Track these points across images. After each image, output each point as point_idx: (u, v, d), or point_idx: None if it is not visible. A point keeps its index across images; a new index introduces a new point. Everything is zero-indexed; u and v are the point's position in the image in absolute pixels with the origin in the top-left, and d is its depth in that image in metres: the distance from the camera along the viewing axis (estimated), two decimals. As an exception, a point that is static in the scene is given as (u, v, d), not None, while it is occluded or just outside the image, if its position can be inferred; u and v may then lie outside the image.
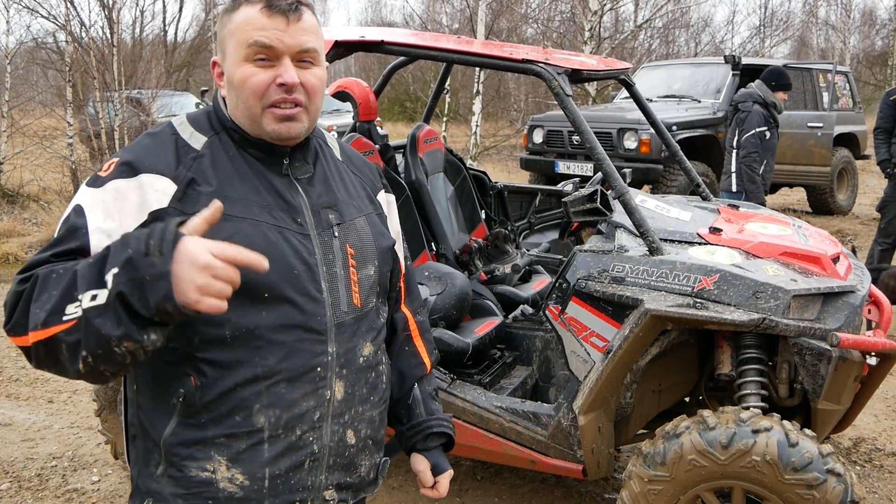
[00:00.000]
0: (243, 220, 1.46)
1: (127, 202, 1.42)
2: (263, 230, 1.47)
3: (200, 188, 1.46)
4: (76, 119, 11.98)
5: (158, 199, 1.43)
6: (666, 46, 27.05)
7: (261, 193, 1.51)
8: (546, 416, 3.12)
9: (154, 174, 1.44)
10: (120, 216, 1.41)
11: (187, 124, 1.56)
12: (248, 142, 1.54)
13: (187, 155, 1.49)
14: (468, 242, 4.38)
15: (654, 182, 9.07)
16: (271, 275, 1.42)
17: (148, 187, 1.43)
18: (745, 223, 3.45)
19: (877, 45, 32.47)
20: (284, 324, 1.47)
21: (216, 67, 1.57)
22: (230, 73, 1.51)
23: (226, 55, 1.53)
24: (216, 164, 1.50)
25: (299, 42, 1.49)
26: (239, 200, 1.47)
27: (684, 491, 2.78)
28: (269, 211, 1.50)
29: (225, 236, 1.38)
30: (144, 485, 1.52)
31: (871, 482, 3.93)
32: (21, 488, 3.88)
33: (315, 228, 1.55)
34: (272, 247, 1.46)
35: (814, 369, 2.84)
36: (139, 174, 1.44)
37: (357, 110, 3.99)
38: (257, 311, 1.44)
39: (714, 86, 10.30)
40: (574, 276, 3.07)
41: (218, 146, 1.53)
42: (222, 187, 1.47)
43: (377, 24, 33.82)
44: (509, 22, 20.42)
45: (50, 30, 15.51)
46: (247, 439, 1.46)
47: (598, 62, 3.83)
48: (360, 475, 1.66)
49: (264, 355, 1.45)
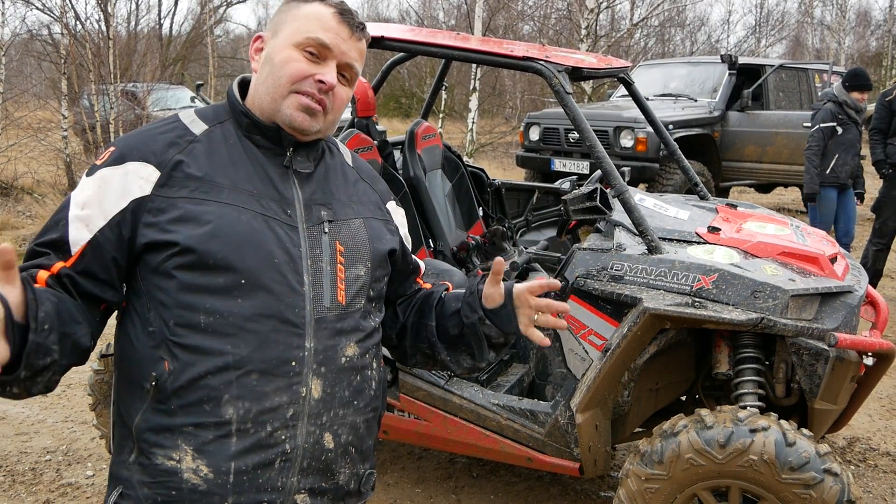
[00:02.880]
0: (228, 206, 1.46)
1: (110, 189, 1.44)
2: (248, 217, 1.47)
3: (189, 170, 1.47)
4: (71, 112, 11.94)
5: (141, 186, 1.44)
6: (662, 45, 27.08)
7: (253, 181, 1.51)
8: (543, 413, 3.12)
9: (140, 161, 1.46)
10: (100, 204, 1.44)
11: (192, 114, 1.58)
12: (256, 127, 1.55)
13: (183, 138, 1.51)
14: (466, 240, 4.38)
15: (650, 181, 9.09)
16: (249, 262, 1.44)
17: (132, 174, 1.45)
18: (744, 223, 3.46)
19: (871, 45, 32.55)
20: (259, 313, 1.45)
21: (258, 42, 1.60)
22: (275, 50, 1.53)
23: (278, 34, 1.55)
24: (211, 150, 1.52)
25: (351, 57, 1.55)
26: (227, 187, 1.48)
27: (681, 490, 2.78)
28: (258, 199, 1.50)
29: (206, 220, 1.43)
30: (117, 472, 1.51)
31: (865, 482, 3.95)
32: (15, 482, 3.86)
33: (304, 222, 1.53)
34: (254, 234, 1.46)
35: (811, 369, 2.85)
36: (126, 162, 1.46)
37: (355, 106, 3.98)
38: (233, 298, 1.44)
39: (710, 85, 10.31)
40: (573, 273, 3.07)
41: (218, 134, 1.54)
42: (213, 172, 1.49)
43: (373, 19, 33.77)
44: (506, 19, 20.41)
45: (45, 22, 15.45)
46: (214, 430, 1.43)
47: (597, 60, 3.83)
48: (338, 483, 1.58)
49: (237, 343, 1.43)
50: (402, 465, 4.02)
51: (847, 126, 6.71)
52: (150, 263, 1.44)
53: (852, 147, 6.78)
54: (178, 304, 1.42)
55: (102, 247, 1.43)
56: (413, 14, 24.77)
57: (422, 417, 3.31)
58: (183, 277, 1.42)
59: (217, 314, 1.43)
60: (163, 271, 1.43)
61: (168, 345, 1.43)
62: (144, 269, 1.45)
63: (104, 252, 1.43)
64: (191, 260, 1.42)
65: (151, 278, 1.45)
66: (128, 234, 1.44)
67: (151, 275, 1.44)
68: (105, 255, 1.44)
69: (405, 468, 4.00)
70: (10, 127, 12.16)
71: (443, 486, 3.85)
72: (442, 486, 3.85)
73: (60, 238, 1.43)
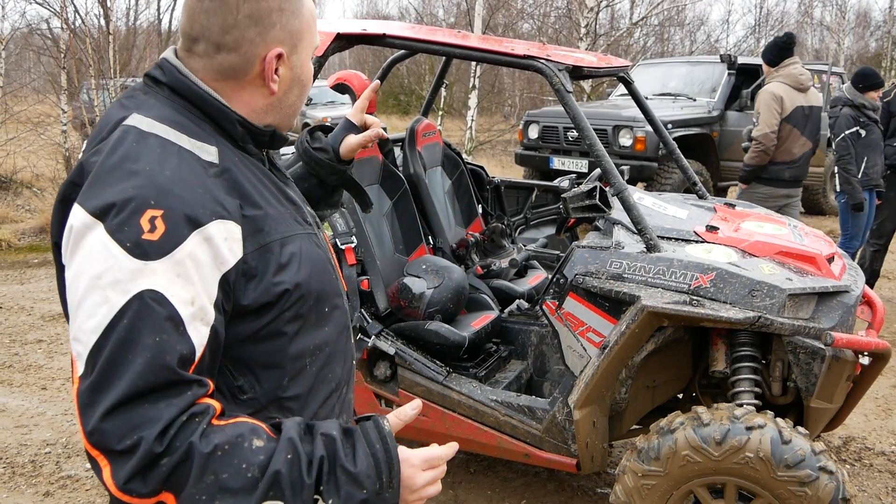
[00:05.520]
0: (293, 237, 1.30)
1: (203, 266, 1.15)
2: (307, 242, 1.35)
3: (249, 213, 1.24)
4: (70, 106, 11.94)
5: (232, 249, 1.18)
6: (661, 44, 27.08)
7: (276, 198, 1.34)
8: (541, 410, 3.14)
9: (217, 220, 1.17)
10: (204, 287, 1.16)
11: (179, 134, 1.25)
12: (251, 135, 1.35)
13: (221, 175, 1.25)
14: (465, 237, 4.39)
15: (648, 180, 9.09)
16: (325, 286, 1.36)
17: (217, 238, 1.17)
18: (742, 222, 3.48)
19: (871, 46, 32.54)
20: (340, 330, 1.42)
21: (279, 60, 1.32)
22: (302, 69, 1.38)
23: (298, 49, 1.35)
24: (241, 176, 1.28)
25: None
26: (276, 215, 1.30)
27: (677, 486, 2.81)
28: (293, 217, 1.35)
29: (297, 261, 1.29)
30: None
31: (860, 480, 3.97)
32: (15, 474, 3.88)
33: (314, 222, 1.48)
34: (317, 257, 1.36)
35: (807, 368, 2.87)
36: (203, 225, 1.16)
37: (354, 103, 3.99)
38: (322, 328, 1.36)
39: (710, 84, 10.32)
40: (572, 271, 3.09)
41: (227, 153, 1.29)
42: (264, 205, 1.28)
43: (372, 16, 33.76)
44: (505, 17, 20.42)
45: (44, 16, 15.43)
46: None
47: (597, 59, 3.85)
48: None
49: (333, 369, 1.40)
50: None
51: (869, 127, 6.64)
52: (248, 330, 1.24)
53: (878, 147, 6.72)
54: (290, 358, 1.29)
55: (219, 335, 1.19)
56: (413, 11, 24.77)
57: (420, 413, 3.32)
58: (291, 330, 1.29)
59: (318, 350, 1.36)
60: (268, 334, 1.26)
61: (279, 402, 1.31)
62: (235, 339, 1.23)
63: (220, 340, 1.20)
64: (296, 309, 1.28)
65: (248, 345, 1.25)
66: (229, 309, 1.21)
67: (247, 342, 1.25)
68: (221, 342, 1.21)
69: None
70: (9, 121, 12.15)
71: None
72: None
73: (188, 350, 1.13)
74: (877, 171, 6.70)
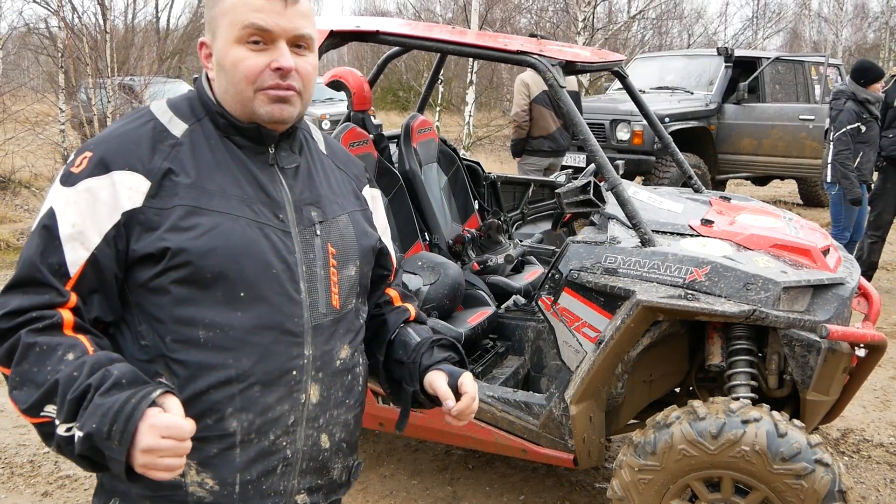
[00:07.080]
0: (222, 215, 1.40)
1: (99, 202, 1.37)
2: (242, 226, 1.41)
3: (178, 179, 1.39)
4: (68, 105, 11.92)
5: (131, 198, 1.37)
6: (659, 38, 27.03)
7: (241, 186, 1.44)
8: (538, 405, 3.14)
9: (127, 171, 1.38)
10: (94, 218, 1.36)
11: (167, 109, 1.48)
12: (235, 128, 1.47)
13: (165, 142, 1.42)
14: (461, 233, 4.39)
15: (646, 174, 9.10)
16: (248, 273, 1.39)
17: (120, 185, 1.37)
18: (737, 215, 3.48)
19: (869, 37, 32.49)
20: (260, 325, 1.42)
21: (203, 48, 1.49)
22: (221, 55, 1.44)
23: (216, 35, 1.45)
24: (196, 153, 1.43)
25: (296, 26, 1.43)
26: (218, 193, 1.41)
27: (674, 480, 2.81)
28: (250, 205, 1.44)
29: (202, 231, 1.37)
30: (110, 484, 1.48)
31: (858, 472, 3.97)
32: (13, 474, 3.89)
33: (297, 226, 1.49)
34: (251, 244, 1.41)
35: (803, 360, 2.87)
36: (111, 171, 1.37)
37: (351, 100, 3.99)
38: (232, 311, 1.40)
39: (707, 78, 10.32)
40: (567, 266, 3.09)
41: (199, 134, 1.46)
42: (201, 179, 1.41)
43: (370, 13, 33.70)
44: (503, 12, 20.39)
45: (42, 15, 15.42)
46: (218, 443, 1.42)
47: (591, 54, 3.84)
48: (332, 478, 1.61)
49: (238, 357, 1.41)
50: (398, 456, 4.05)
51: (870, 123, 6.63)
52: (141, 278, 1.39)
53: (874, 143, 6.73)
54: (175, 319, 1.38)
55: (102, 265, 1.37)
56: (410, 7, 24.72)
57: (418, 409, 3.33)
58: (179, 292, 1.38)
59: (217, 328, 1.39)
60: (156, 287, 1.38)
61: (165, 361, 1.40)
62: (134, 283, 1.40)
63: (105, 270, 1.38)
64: (187, 274, 1.37)
65: (143, 293, 1.40)
66: (122, 248, 1.38)
67: (142, 289, 1.39)
68: (106, 273, 1.38)
69: (401, 460, 4.02)
70: (7, 120, 12.12)
71: (439, 478, 3.87)
72: (438, 478, 3.87)
73: (57, 262, 1.35)
74: (870, 167, 6.76)
